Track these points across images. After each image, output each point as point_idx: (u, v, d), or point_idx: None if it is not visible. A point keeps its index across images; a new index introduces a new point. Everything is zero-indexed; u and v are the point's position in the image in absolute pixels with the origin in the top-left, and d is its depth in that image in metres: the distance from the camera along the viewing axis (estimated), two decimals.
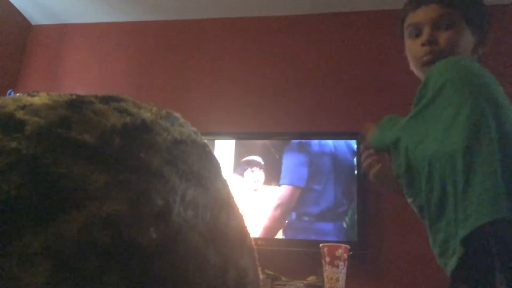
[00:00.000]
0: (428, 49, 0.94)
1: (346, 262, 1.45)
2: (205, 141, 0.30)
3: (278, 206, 1.98)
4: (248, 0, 2.33)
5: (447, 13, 0.96)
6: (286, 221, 1.99)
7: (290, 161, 2.09)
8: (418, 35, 0.99)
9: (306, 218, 1.98)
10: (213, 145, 2.19)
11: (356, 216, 1.88)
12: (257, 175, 2.08)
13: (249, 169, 2.09)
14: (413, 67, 1.03)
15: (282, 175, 2.04)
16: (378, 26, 2.26)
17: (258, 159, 2.11)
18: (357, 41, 2.28)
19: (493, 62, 2.13)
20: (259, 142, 2.17)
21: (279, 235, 1.96)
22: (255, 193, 2.05)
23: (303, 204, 1.99)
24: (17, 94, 0.26)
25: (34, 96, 0.25)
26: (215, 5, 2.39)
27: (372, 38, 2.27)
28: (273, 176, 2.07)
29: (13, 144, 0.21)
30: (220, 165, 0.30)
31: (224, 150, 2.16)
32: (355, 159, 1.99)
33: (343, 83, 2.24)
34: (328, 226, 1.95)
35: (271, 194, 2.03)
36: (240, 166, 2.10)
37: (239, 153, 2.14)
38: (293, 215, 1.98)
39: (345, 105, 2.18)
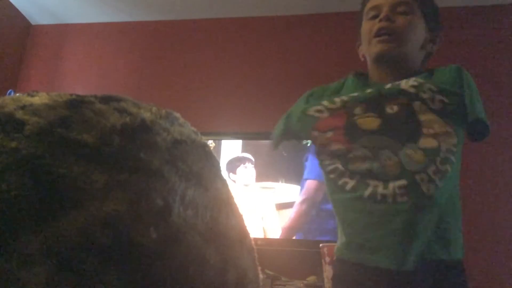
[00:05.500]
0: (384, 24, 0.99)
1: None
2: (207, 141, 0.30)
3: (304, 201, 1.97)
4: (248, 0, 2.33)
5: (405, 1, 1.01)
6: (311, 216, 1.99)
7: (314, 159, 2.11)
8: (376, 16, 1.03)
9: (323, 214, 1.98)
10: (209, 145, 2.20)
11: None
12: (250, 171, 2.09)
13: (242, 166, 2.10)
14: (364, 45, 1.09)
15: (307, 170, 2.04)
16: None
17: (249, 156, 2.13)
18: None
19: (493, 62, 2.13)
20: (263, 141, 2.18)
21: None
22: (246, 188, 2.07)
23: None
24: (17, 94, 0.26)
25: (34, 96, 0.25)
26: (215, 5, 2.39)
27: None
28: (280, 173, 2.08)
29: (13, 144, 0.21)
30: (220, 165, 0.30)
31: (222, 150, 2.17)
32: None
33: None
34: None
35: (285, 191, 2.03)
36: (231, 163, 2.11)
37: (241, 153, 2.15)
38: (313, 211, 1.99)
39: None
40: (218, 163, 0.30)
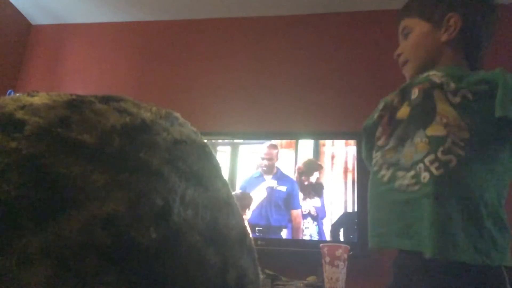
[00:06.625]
0: (398, 60, 1.13)
1: (346, 262, 1.45)
2: (205, 141, 0.30)
3: None
4: (248, 0, 2.33)
5: (404, 26, 1.11)
6: None
7: None
8: None
9: None
10: (211, 145, 2.19)
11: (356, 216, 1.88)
12: None
13: None
14: None
15: None
16: (378, 26, 2.26)
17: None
18: (357, 41, 2.28)
19: (493, 62, 2.13)
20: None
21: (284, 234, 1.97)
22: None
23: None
24: (17, 94, 0.26)
25: (34, 96, 0.25)
26: (215, 5, 2.39)
27: (372, 38, 2.27)
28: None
29: (13, 144, 0.21)
30: (220, 165, 0.30)
31: (222, 150, 2.16)
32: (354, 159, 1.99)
33: (343, 83, 2.24)
34: None
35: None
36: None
37: (238, 154, 2.14)
38: None
39: (345, 105, 2.18)
40: (219, 163, 0.30)
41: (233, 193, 0.31)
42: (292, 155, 2.08)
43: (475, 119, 0.91)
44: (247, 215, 1.99)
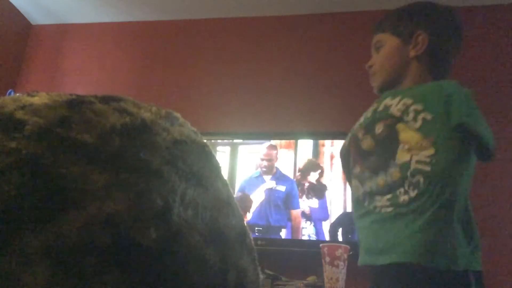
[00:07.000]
0: (369, 71, 1.22)
1: (346, 262, 1.45)
2: (205, 141, 0.30)
3: None
4: (248, 0, 2.33)
5: (377, 40, 1.20)
6: None
7: None
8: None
9: None
10: (210, 144, 2.18)
11: None
12: None
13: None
14: None
15: None
16: None
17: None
18: (357, 41, 2.28)
19: (493, 62, 2.13)
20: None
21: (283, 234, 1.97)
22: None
23: None
24: (17, 94, 0.26)
25: (34, 96, 0.25)
26: (215, 5, 2.39)
27: (372, 38, 2.27)
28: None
29: (13, 144, 0.21)
30: (220, 165, 0.30)
31: (221, 150, 2.16)
32: None
33: (342, 83, 2.24)
34: None
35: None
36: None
37: (237, 153, 2.14)
38: None
39: (344, 105, 2.18)
40: (219, 163, 0.30)
41: (234, 195, 0.31)
42: (291, 155, 2.07)
43: (437, 133, 0.97)
44: (247, 218, 1.99)
